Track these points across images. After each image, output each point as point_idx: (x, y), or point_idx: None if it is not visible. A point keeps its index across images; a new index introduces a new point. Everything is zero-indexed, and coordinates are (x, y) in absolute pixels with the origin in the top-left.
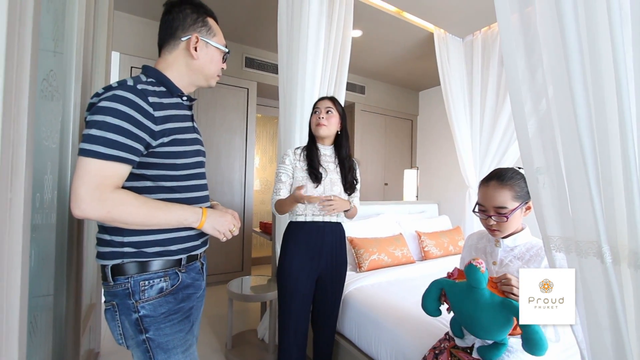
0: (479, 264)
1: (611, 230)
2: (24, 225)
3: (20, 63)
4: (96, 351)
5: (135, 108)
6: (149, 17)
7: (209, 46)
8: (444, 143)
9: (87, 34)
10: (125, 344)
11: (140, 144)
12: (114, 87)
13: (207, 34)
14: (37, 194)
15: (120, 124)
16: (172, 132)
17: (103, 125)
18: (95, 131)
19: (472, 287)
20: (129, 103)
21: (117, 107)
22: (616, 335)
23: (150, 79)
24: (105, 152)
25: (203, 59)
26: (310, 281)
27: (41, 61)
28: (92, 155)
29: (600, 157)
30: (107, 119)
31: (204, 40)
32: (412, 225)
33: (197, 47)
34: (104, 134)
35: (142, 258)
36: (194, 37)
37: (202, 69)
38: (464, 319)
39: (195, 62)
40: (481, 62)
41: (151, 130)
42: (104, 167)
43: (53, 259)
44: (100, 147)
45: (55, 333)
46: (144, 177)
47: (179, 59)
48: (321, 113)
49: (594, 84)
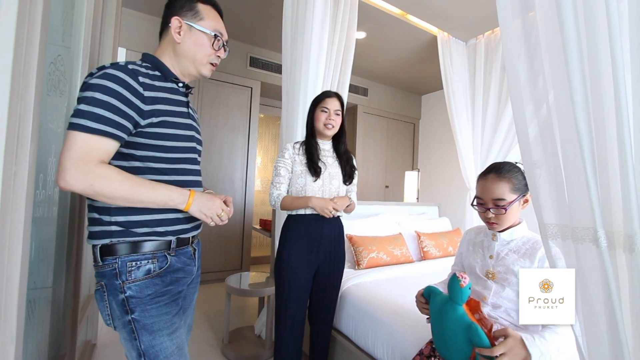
0: (462, 277)
1: (607, 216)
2: (26, 199)
3: (29, 41)
4: (93, 342)
5: (124, 86)
6: (156, 15)
7: (193, 29)
8: (445, 147)
9: (94, 28)
10: (112, 324)
11: (127, 121)
12: (106, 67)
13: (192, 17)
14: (41, 174)
15: (108, 100)
16: (163, 113)
17: (92, 100)
18: (84, 106)
19: (450, 299)
20: (118, 81)
21: (107, 84)
22: (611, 320)
23: (146, 64)
24: (91, 126)
25: (187, 42)
26: (309, 274)
27: (50, 46)
28: (79, 129)
29: (597, 144)
30: (96, 95)
31: (187, 23)
32: (411, 225)
33: (181, 31)
34: (92, 109)
35: (130, 237)
36: (175, 20)
37: (187, 52)
38: (434, 331)
39: (179, 47)
40: (484, 66)
41: (139, 109)
42: (89, 140)
43: (54, 243)
44: (87, 121)
45: (53, 318)
46: (133, 157)
47: (168, 44)
48: (330, 115)
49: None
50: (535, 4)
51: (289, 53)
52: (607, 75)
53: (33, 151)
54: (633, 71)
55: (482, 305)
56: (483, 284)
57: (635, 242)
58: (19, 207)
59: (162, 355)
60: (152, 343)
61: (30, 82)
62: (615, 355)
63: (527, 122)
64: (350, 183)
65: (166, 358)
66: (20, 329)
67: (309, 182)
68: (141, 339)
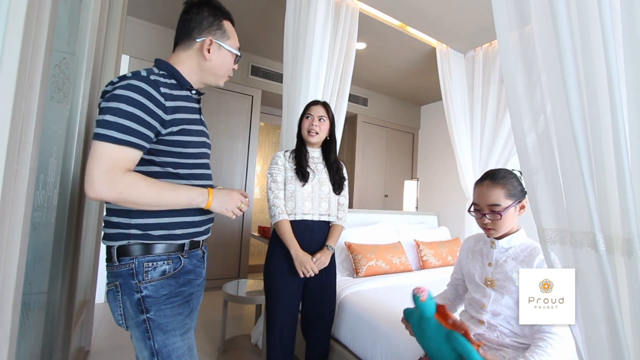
0: (419, 292)
1: (605, 220)
2: (27, 199)
3: (36, 42)
4: (86, 349)
5: (148, 97)
6: (160, 24)
7: (222, 49)
8: (444, 157)
9: (99, 35)
10: (125, 324)
11: (151, 131)
12: (128, 77)
13: (221, 36)
14: (41, 175)
15: (134, 112)
16: (181, 122)
17: (117, 112)
18: (110, 117)
19: (421, 316)
20: (142, 92)
21: (131, 95)
22: (611, 324)
23: (162, 72)
24: (118, 137)
25: (215, 60)
26: (298, 281)
27: (55, 48)
28: (107, 140)
29: (594, 150)
30: (122, 106)
31: (217, 42)
32: (411, 234)
33: (211, 49)
34: (118, 120)
35: (147, 240)
36: (208, 40)
37: (214, 70)
38: (423, 347)
39: (208, 63)
40: (482, 78)
41: (162, 119)
42: (117, 151)
43: (51, 248)
44: (114, 132)
45: (47, 322)
46: (152, 163)
47: (192, 58)
48: (314, 120)
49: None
50: (531, 17)
51: (290, 62)
52: (602, 86)
53: (35, 151)
54: (628, 82)
55: (481, 312)
56: (482, 291)
57: (634, 246)
58: (19, 205)
59: (175, 355)
60: (165, 342)
61: (35, 83)
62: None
63: (526, 132)
64: (339, 193)
65: (178, 358)
66: (14, 330)
67: (298, 189)
68: (155, 338)
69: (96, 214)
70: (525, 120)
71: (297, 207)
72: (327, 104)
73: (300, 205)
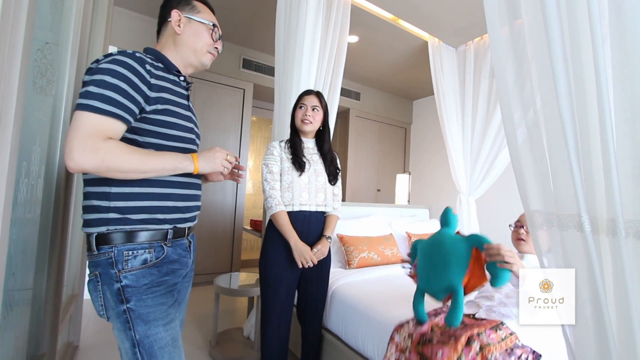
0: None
1: (590, 202)
2: (7, 184)
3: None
4: (75, 344)
5: (132, 71)
6: (148, 14)
7: (192, 21)
8: (436, 151)
9: (84, 23)
10: (105, 315)
11: (135, 105)
12: (113, 54)
13: (190, 11)
14: (24, 162)
15: (117, 83)
16: (167, 102)
17: (101, 83)
18: (93, 88)
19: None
20: (126, 66)
21: (115, 68)
22: (596, 305)
23: (150, 56)
24: (101, 107)
25: (187, 33)
26: (295, 272)
27: (37, 32)
28: (88, 109)
29: (581, 134)
30: (105, 77)
31: (186, 16)
32: (402, 227)
33: (180, 23)
34: (101, 91)
35: (127, 225)
36: (174, 13)
37: (188, 43)
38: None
39: (180, 38)
40: (473, 72)
41: (146, 95)
42: (99, 121)
43: (36, 243)
44: (97, 102)
45: (33, 316)
46: (136, 143)
47: (169, 38)
48: (307, 110)
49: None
50: (522, 12)
51: (282, 55)
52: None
53: (16, 134)
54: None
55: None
56: None
57: (617, 226)
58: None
59: (157, 346)
60: (147, 333)
61: (15, 64)
62: (600, 339)
63: (516, 123)
64: (334, 184)
65: (161, 349)
66: None
67: (295, 179)
68: (136, 329)
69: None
70: (515, 111)
71: (295, 197)
72: (320, 94)
73: (297, 196)
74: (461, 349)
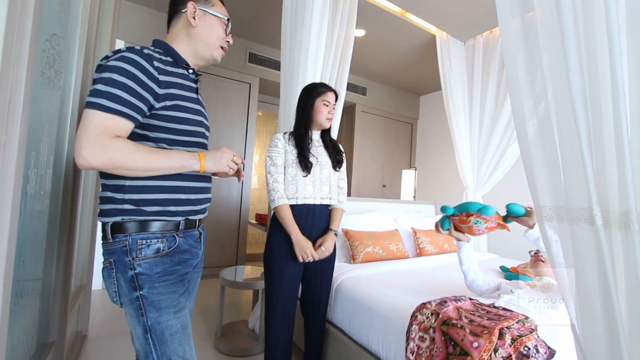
0: None
1: (602, 194)
2: (16, 172)
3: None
4: (84, 334)
5: (141, 69)
6: (155, 8)
7: (207, 14)
8: (443, 147)
9: (92, 16)
10: (119, 301)
11: (143, 104)
12: (123, 50)
13: (205, 3)
14: (33, 152)
15: (126, 82)
16: (176, 97)
17: (109, 81)
18: (101, 86)
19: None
20: (134, 63)
21: (124, 66)
22: (606, 299)
23: (158, 49)
24: (109, 105)
25: (202, 26)
26: (299, 264)
27: (45, 22)
28: (97, 108)
29: (593, 122)
30: (114, 76)
31: (202, 9)
32: (408, 222)
33: (196, 15)
34: (109, 89)
35: (141, 216)
36: (190, 5)
37: (202, 36)
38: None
39: (195, 30)
40: (482, 66)
41: (155, 92)
42: (107, 119)
43: (45, 234)
44: (105, 100)
45: (42, 306)
46: (146, 138)
47: (181, 30)
48: (331, 109)
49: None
50: (534, 3)
51: (288, 49)
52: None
53: (24, 123)
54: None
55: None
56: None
57: (631, 219)
58: (8, 179)
59: (168, 333)
60: (158, 320)
61: (23, 52)
62: (610, 334)
63: (526, 116)
64: (339, 169)
65: (171, 335)
66: (6, 304)
67: (299, 174)
68: (148, 315)
69: (92, 201)
70: (526, 102)
71: (299, 191)
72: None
73: (301, 189)
74: (495, 340)
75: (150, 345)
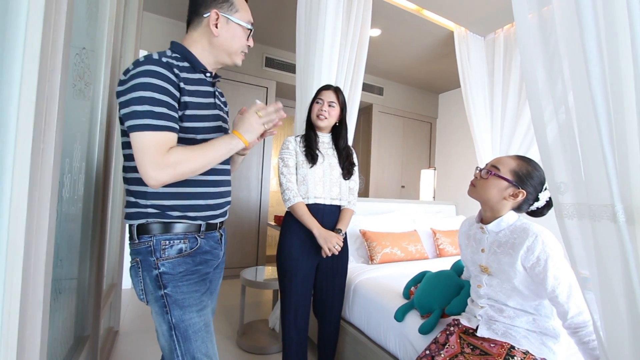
0: None
1: (625, 190)
2: (52, 178)
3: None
4: (115, 329)
5: (167, 80)
6: (176, 18)
7: (230, 22)
8: (463, 146)
9: (117, 29)
10: (145, 299)
11: (175, 113)
12: (142, 62)
13: (228, 9)
14: (67, 159)
15: (160, 97)
16: (193, 106)
17: (146, 100)
18: (138, 107)
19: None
20: (160, 76)
21: (152, 81)
22: (630, 299)
23: (175, 54)
24: (156, 123)
25: (224, 35)
26: (311, 263)
27: (75, 37)
28: (145, 129)
29: (615, 117)
30: (146, 93)
31: (224, 16)
32: (427, 223)
33: (218, 23)
34: (150, 108)
35: (164, 219)
36: (213, 13)
37: (224, 45)
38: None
39: (217, 39)
40: (503, 62)
41: (179, 100)
42: (158, 137)
43: (79, 233)
44: (150, 120)
45: (78, 301)
46: None
47: (202, 36)
48: (323, 105)
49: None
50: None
51: (302, 51)
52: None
53: (59, 132)
54: None
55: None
56: (479, 276)
57: None
58: (46, 183)
59: (191, 330)
60: (182, 317)
61: (57, 66)
62: (635, 336)
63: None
64: (349, 179)
65: (194, 333)
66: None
67: (309, 172)
68: (172, 313)
69: (120, 204)
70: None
71: (310, 191)
72: (338, 89)
73: (312, 189)
74: None
75: (174, 342)
